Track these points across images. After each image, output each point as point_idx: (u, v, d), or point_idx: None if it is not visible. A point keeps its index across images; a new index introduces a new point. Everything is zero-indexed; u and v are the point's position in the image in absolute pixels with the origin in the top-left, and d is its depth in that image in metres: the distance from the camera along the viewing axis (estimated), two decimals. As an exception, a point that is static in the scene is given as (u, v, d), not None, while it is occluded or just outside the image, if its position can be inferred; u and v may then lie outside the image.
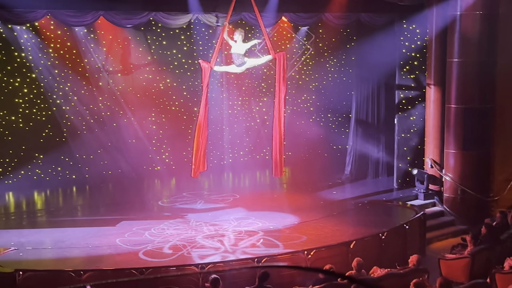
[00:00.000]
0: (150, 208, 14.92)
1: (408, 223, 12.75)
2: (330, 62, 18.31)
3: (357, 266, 10.07)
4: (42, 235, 12.87)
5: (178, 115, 17.52)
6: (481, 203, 14.68)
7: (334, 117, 18.54)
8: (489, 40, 14.50)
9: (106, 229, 13.08)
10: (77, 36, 16.11)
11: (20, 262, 11.22)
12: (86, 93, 16.59)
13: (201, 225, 13.32)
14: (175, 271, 10.50)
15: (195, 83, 17.40)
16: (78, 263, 11.44)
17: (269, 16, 13.84)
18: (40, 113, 16.35)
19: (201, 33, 16.98)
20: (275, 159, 12.78)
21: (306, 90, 18.55)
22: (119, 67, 17.05)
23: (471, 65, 14.51)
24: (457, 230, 14.36)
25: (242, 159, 18.17)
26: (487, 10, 14.36)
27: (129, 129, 17.04)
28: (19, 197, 15.73)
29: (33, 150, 16.28)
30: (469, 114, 14.60)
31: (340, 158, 18.00)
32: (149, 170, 17.32)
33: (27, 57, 15.85)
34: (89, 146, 16.60)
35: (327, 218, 13.78)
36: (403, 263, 10.94)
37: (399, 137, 16.31)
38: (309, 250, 11.22)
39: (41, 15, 13.08)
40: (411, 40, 15.87)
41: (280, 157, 12.71)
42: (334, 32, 17.49)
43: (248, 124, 18.28)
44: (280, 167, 12.77)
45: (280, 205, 14.92)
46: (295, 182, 17.48)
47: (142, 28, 16.06)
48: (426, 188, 15.28)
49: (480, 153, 14.77)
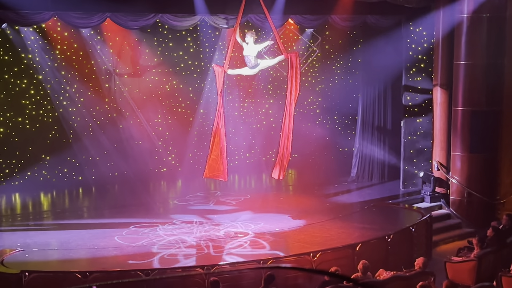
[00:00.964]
0: (155, 210, 14.93)
1: (414, 225, 12.72)
2: (337, 64, 18.30)
3: (363, 269, 10.05)
4: (48, 236, 12.88)
5: (185, 117, 17.54)
6: (488, 206, 14.63)
7: (340, 119, 18.52)
8: (496, 43, 14.45)
9: (112, 230, 13.08)
10: (84, 38, 16.14)
11: (26, 263, 11.23)
12: (93, 95, 16.63)
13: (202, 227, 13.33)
14: (181, 272, 10.50)
15: (201, 85, 17.43)
16: (84, 264, 11.46)
17: (276, 18, 13.82)
18: (46, 115, 16.39)
19: (207, 35, 16.99)
20: (280, 160, 12.75)
21: (312, 92, 18.53)
22: (126, 69, 17.08)
23: (478, 68, 14.47)
24: (464, 233, 14.32)
25: (248, 161, 18.17)
26: (494, 13, 14.33)
27: (136, 131, 17.05)
28: (25, 198, 15.75)
29: (40, 152, 16.32)
30: (476, 117, 14.56)
31: (346, 160, 17.97)
32: (155, 171, 17.33)
33: (34, 59, 15.89)
34: (95, 147, 16.62)
35: (333, 220, 13.76)
36: (409, 266, 10.91)
37: (406, 139, 16.27)
38: (315, 253, 11.20)
39: (48, 16, 13.11)
40: (418, 42, 15.84)
41: (286, 159, 12.70)
42: (341, 34, 17.49)
43: (254, 126, 18.28)
44: (283, 169, 12.74)
45: (286, 207, 14.90)
46: (301, 184, 17.47)
47: (148, 30, 16.08)
48: (432, 191, 15.25)
49: (487, 156, 14.72)
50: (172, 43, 17.14)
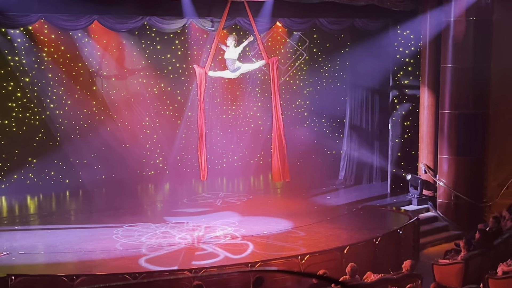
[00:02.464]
0: (143, 213, 14.90)
1: (402, 228, 12.75)
2: (324, 67, 18.33)
3: (351, 272, 10.06)
4: (35, 240, 12.80)
5: (172, 120, 17.50)
6: (475, 208, 14.70)
7: (328, 122, 18.55)
8: (482, 46, 14.54)
9: (99, 234, 13.03)
10: (71, 40, 16.08)
11: (13, 267, 11.15)
12: (80, 97, 16.56)
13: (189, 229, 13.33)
14: (168, 275, 10.47)
15: (189, 88, 17.41)
16: (71, 268, 11.39)
17: (264, 21, 13.84)
18: (33, 117, 16.30)
19: (195, 38, 16.99)
20: (278, 163, 12.79)
21: (300, 95, 18.56)
22: (113, 72, 17.02)
23: (464, 71, 14.54)
24: (451, 236, 14.37)
25: (236, 164, 18.15)
26: (481, 16, 14.41)
27: (123, 133, 17.00)
28: (11, 201, 15.65)
29: (26, 154, 16.22)
30: (463, 120, 14.63)
31: (334, 163, 17.99)
32: (143, 174, 17.29)
33: (21, 61, 15.81)
34: (82, 150, 16.56)
35: (321, 223, 13.76)
36: (396, 268, 10.94)
37: (393, 142, 16.33)
38: (303, 255, 11.20)
39: (35, 19, 13.02)
40: (405, 45, 15.91)
41: (284, 161, 12.77)
42: (328, 37, 17.53)
43: (242, 129, 18.28)
44: (285, 171, 12.81)
45: (274, 210, 14.89)
46: (289, 187, 17.43)
47: (136, 33, 16.03)
48: (419, 194, 15.29)
49: (474, 159, 14.80)
50: (160, 46, 17.11)
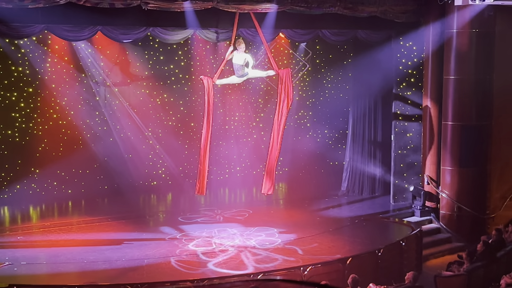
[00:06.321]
0: (145, 223, 14.89)
1: (405, 239, 12.72)
2: (327, 78, 18.34)
3: (353, 283, 10.03)
4: (37, 250, 12.80)
5: (175, 130, 17.52)
6: (478, 220, 14.67)
7: (331, 133, 18.54)
8: (485, 58, 14.55)
9: (102, 244, 13.00)
10: (75, 50, 16.13)
11: (15, 277, 11.16)
12: (83, 108, 16.60)
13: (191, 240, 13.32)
14: (170, 286, 10.45)
15: (192, 98, 17.43)
16: (73, 278, 11.38)
17: (267, 32, 13.86)
18: (36, 128, 16.32)
19: (198, 48, 17.03)
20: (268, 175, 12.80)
21: (303, 105, 18.57)
22: (117, 82, 17.05)
23: (467, 82, 14.55)
24: (454, 247, 14.34)
25: (238, 174, 18.15)
26: (484, 28, 14.44)
27: (126, 144, 17.02)
28: (14, 211, 15.65)
29: (29, 165, 16.23)
30: (466, 131, 14.62)
31: (336, 174, 17.97)
32: (145, 185, 17.28)
33: (24, 71, 15.85)
34: (85, 160, 16.57)
35: (323, 234, 13.75)
36: (399, 280, 10.91)
37: (396, 153, 16.31)
38: (305, 267, 11.17)
39: (39, 29, 13.08)
40: (408, 57, 15.93)
41: (273, 173, 12.76)
42: (331, 48, 17.57)
43: (245, 140, 18.29)
44: (271, 183, 12.80)
45: (276, 221, 14.87)
46: (292, 198, 17.44)
47: (139, 43, 16.09)
48: (422, 205, 15.27)
49: (477, 170, 14.77)
50: (163, 57, 17.14)
